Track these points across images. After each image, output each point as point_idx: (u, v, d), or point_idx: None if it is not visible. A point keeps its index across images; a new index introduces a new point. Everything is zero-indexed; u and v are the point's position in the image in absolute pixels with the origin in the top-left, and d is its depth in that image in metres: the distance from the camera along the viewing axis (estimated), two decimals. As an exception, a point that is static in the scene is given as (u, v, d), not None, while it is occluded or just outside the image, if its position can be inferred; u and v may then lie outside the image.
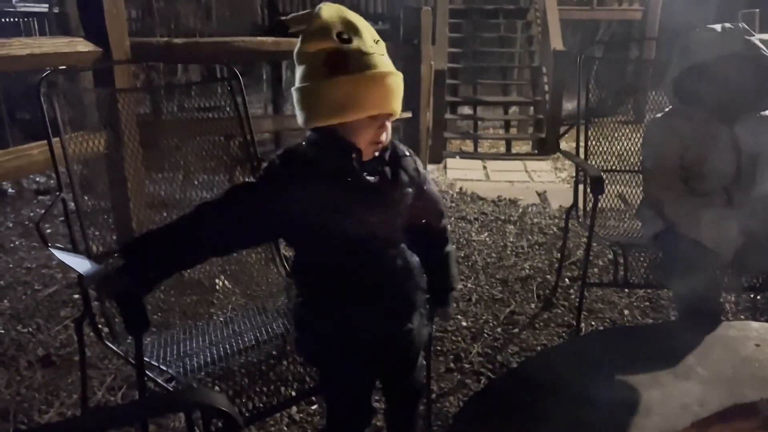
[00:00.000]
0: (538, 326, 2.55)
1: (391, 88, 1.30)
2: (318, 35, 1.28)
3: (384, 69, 1.29)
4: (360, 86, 1.26)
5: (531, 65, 7.48)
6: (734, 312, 2.59)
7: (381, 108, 1.30)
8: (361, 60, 1.27)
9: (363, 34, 1.29)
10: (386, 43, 1.37)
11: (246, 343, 1.82)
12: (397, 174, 1.40)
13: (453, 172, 5.64)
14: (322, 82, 1.28)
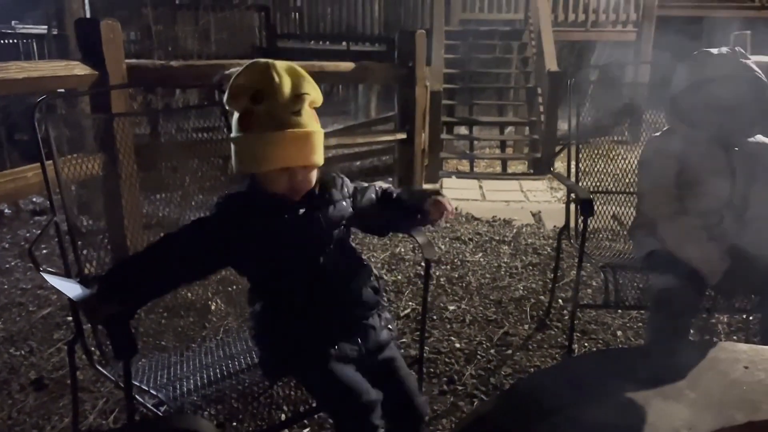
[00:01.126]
0: (532, 347, 2.55)
1: (297, 145, 1.44)
2: (233, 96, 1.45)
3: (292, 128, 1.42)
4: (264, 144, 1.41)
5: (526, 86, 7.55)
6: (727, 333, 2.60)
7: (285, 163, 1.44)
8: (269, 121, 1.41)
9: (279, 93, 1.42)
10: (384, 64, 1.46)
11: (238, 367, 1.82)
12: (330, 200, 1.56)
13: (449, 191, 5.66)
14: (236, 137, 1.46)
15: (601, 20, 8.01)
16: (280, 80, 1.43)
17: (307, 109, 1.47)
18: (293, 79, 1.47)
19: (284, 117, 1.42)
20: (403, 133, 4.28)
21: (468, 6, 8.54)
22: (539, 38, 7.02)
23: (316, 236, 1.55)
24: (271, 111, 1.42)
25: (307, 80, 1.49)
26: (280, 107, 1.42)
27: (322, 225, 1.56)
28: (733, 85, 1.90)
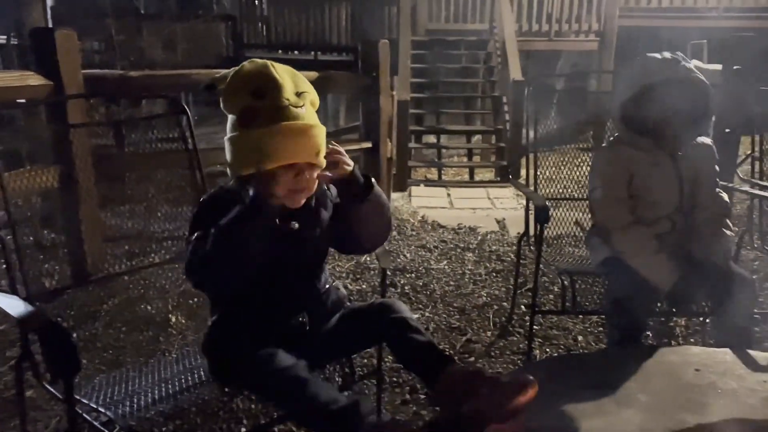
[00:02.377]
0: (494, 354, 2.56)
1: (304, 139, 1.39)
2: (233, 93, 1.40)
3: (298, 121, 1.38)
4: (270, 137, 1.36)
5: (492, 95, 7.64)
6: (684, 336, 2.64)
7: (293, 158, 1.39)
8: (273, 114, 1.36)
9: (282, 88, 1.38)
10: (347, 74, 1.45)
11: (198, 380, 1.78)
12: (318, 213, 1.52)
13: (417, 200, 5.68)
14: (238, 135, 1.40)
15: (564, 30, 8.15)
16: (280, 76, 1.41)
17: (310, 107, 1.44)
18: (292, 77, 1.45)
19: (289, 111, 1.38)
20: (369, 142, 4.29)
21: (434, 16, 8.62)
22: (504, 48, 7.10)
23: (302, 254, 1.53)
24: (276, 105, 1.37)
25: (303, 80, 1.47)
26: (284, 101, 1.38)
27: (311, 245, 1.54)
28: (675, 89, 1.93)
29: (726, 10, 8.11)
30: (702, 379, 1.61)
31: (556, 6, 8.22)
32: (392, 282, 3.27)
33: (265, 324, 1.53)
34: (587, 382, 1.61)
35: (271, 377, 1.43)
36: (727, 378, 1.60)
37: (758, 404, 1.50)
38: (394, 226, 4.30)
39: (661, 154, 2.04)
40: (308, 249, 1.54)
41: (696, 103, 1.98)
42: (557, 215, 2.73)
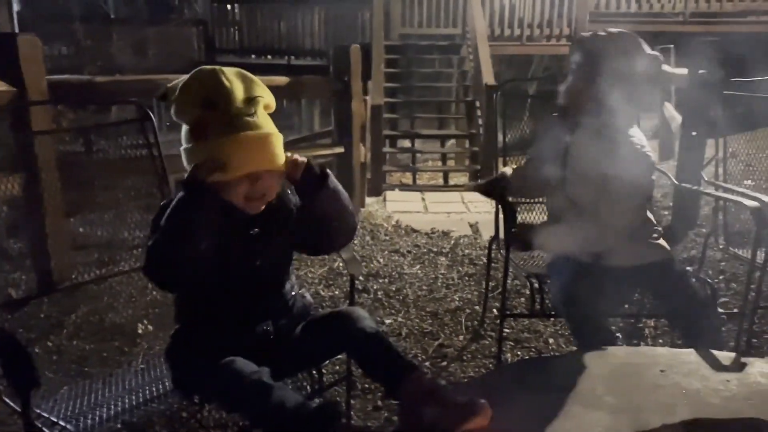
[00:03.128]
0: (466, 358, 2.56)
1: (257, 148, 1.40)
2: (184, 104, 1.40)
3: (251, 130, 1.38)
4: (223, 149, 1.36)
5: (466, 99, 7.68)
6: (653, 336, 2.67)
7: (247, 168, 1.39)
8: (224, 124, 1.37)
9: (232, 97, 1.39)
10: (319, 78, 1.45)
11: (167, 389, 1.76)
12: (281, 218, 1.52)
13: (392, 204, 5.68)
14: (192, 147, 1.41)
15: (536, 35, 8.24)
16: (230, 83, 1.40)
17: (263, 112, 1.44)
18: (243, 82, 1.44)
19: (241, 120, 1.38)
20: (341, 147, 4.28)
21: (407, 21, 8.65)
22: (476, 52, 7.15)
23: (265, 260, 1.52)
24: (227, 115, 1.38)
25: (257, 83, 1.47)
26: (236, 110, 1.38)
27: (274, 251, 1.53)
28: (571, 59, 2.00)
29: (692, 15, 8.28)
30: (667, 379, 1.62)
31: (528, 11, 8.30)
32: (365, 287, 3.26)
33: (228, 332, 1.51)
34: (555, 384, 1.61)
35: (235, 386, 1.41)
36: (692, 378, 1.62)
37: (722, 404, 1.52)
38: (367, 231, 4.29)
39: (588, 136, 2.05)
40: (271, 255, 1.52)
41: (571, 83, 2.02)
42: (529, 218, 2.74)
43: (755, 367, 1.68)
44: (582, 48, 1.99)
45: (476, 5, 7.53)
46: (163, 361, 1.68)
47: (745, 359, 1.71)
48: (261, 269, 1.53)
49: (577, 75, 2.00)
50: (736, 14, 8.24)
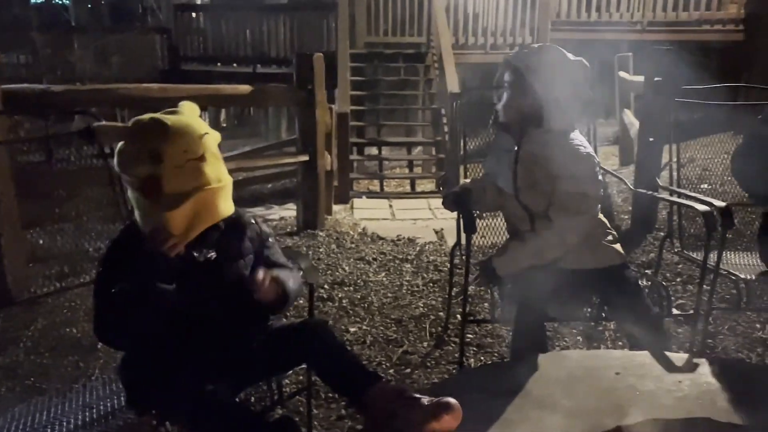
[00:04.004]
0: (430, 365, 2.58)
1: (208, 203, 1.45)
2: (130, 159, 1.41)
3: (204, 186, 1.42)
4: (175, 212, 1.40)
5: (431, 107, 7.74)
6: (613, 339, 2.72)
7: (196, 229, 1.45)
8: (176, 180, 1.39)
9: (178, 145, 1.40)
10: (282, 87, 1.47)
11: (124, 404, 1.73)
12: (236, 245, 1.53)
13: (360, 212, 5.69)
14: (145, 204, 1.43)
15: (499, 43, 8.35)
16: (176, 130, 1.41)
17: (212, 152, 1.46)
18: (189, 125, 1.44)
19: (193, 172, 1.40)
20: (306, 155, 4.27)
21: (373, 29, 8.68)
22: (441, 60, 7.21)
23: (221, 283, 1.52)
24: (176, 168, 1.39)
25: (197, 121, 1.47)
26: (184, 159, 1.40)
27: (232, 274, 1.53)
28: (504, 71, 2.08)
29: (649, 24, 8.49)
30: (622, 381, 1.66)
31: (491, 20, 8.41)
32: (330, 296, 3.25)
33: (183, 349, 1.49)
34: (513, 389, 1.63)
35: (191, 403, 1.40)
36: (646, 380, 1.66)
37: (674, 404, 1.55)
38: (333, 239, 4.29)
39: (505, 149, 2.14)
40: (229, 278, 1.52)
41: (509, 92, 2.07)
42: (493, 224, 2.77)
43: (707, 367, 1.73)
44: (511, 66, 2.06)
45: (440, 14, 7.60)
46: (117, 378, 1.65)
47: (697, 360, 1.76)
48: (218, 291, 1.52)
49: (511, 91, 2.06)
50: (691, 23, 8.47)
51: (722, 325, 2.82)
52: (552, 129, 2.04)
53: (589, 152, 2.09)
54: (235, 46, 9.50)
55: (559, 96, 2.01)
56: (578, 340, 2.74)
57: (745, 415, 1.50)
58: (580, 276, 2.03)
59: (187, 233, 1.45)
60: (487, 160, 2.34)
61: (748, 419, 1.49)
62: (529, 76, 2.00)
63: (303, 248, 4.03)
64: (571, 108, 2.06)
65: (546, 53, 2.03)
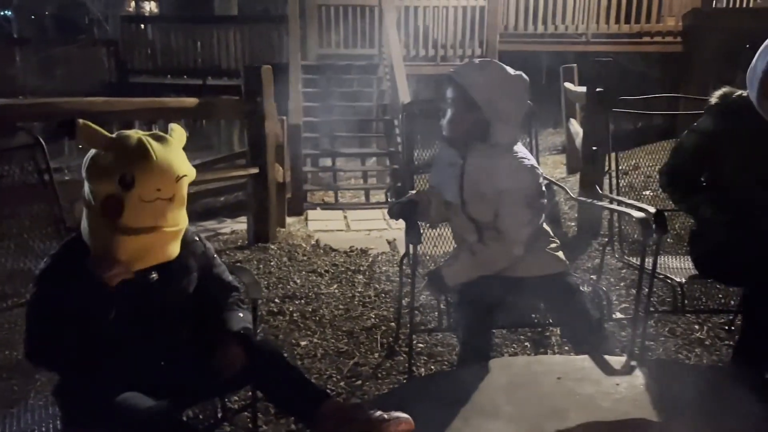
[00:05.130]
0: (381, 375, 2.58)
1: (165, 243, 1.43)
2: (99, 177, 1.37)
3: (164, 227, 1.40)
4: (130, 243, 1.39)
5: (384, 118, 7.79)
6: (560, 344, 2.77)
7: (149, 262, 1.43)
8: (139, 214, 1.37)
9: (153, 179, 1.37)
10: (231, 99, 1.46)
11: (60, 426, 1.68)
12: (179, 265, 1.51)
13: (314, 223, 5.66)
14: (99, 221, 1.39)
15: (450, 55, 8.48)
16: (158, 162, 1.37)
17: (181, 195, 1.43)
18: (170, 160, 1.40)
19: (157, 211, 1.38)
20: (255, 167, 4.23)
21: (325, 41, 8.70)
22: (393, 72, 7.28)
23: (164, 304, 1.49)
24: (143, 201, 1.36)
25: (179, 158, 1.43)
26: (153, 196, 1.37)
27: (174, 294, 1.50)
28: (446, 87, 2.12)
29: (593, 36, 8.76)
30: (562, 386, 1.70)
31: (441, 32, 8.54)
32: (280, 310, 3.22)
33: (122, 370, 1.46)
34: (458, 397, 1.65)
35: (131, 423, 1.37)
36: (585, 384, 1.70)
37: (611, 407, 1.60)
38: (285, 252, 4.25)
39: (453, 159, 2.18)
40: (171, 298, 1.49)
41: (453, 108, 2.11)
42: (445, 234, 2.79)
43: (644, 369, 1.79)
44: (452, 82, 2.10)
45: (391, 27, 7.67)
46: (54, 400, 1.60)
47: (634, 362, 1.81)
48: (160, 312, 1.49)
49: (454, 107, 2.10)
50: (633, 35, 8.78)
51: (663, 327, 2.91)
52: (496, 143, 2.09)
53: (533, 164, 2.15)
54: (185, 58, 9.38)
55: (501, 110, 2.06)
56: (526, 346, 2.79)
57: (679, 415, 1.56)
58: (525, 284, 2.08)
59: (132, 264, 1.42)
60: (432, 174, 2.39)
61: (681, 418, 1.54)
62: (472, 92, 2.04)
63: (254, 262, 3.99)
64: (513, 121, 2.11)
65: (487, 69, 2.08)
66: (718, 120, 2.09)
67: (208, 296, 1.59)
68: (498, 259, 2.08)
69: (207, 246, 1.62)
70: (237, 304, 1.63)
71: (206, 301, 1.59)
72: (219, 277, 1.62)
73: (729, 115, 2.07)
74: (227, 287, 1.64)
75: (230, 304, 1.62)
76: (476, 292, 2.04)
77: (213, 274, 1.60)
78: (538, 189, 2.11)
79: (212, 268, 1.60)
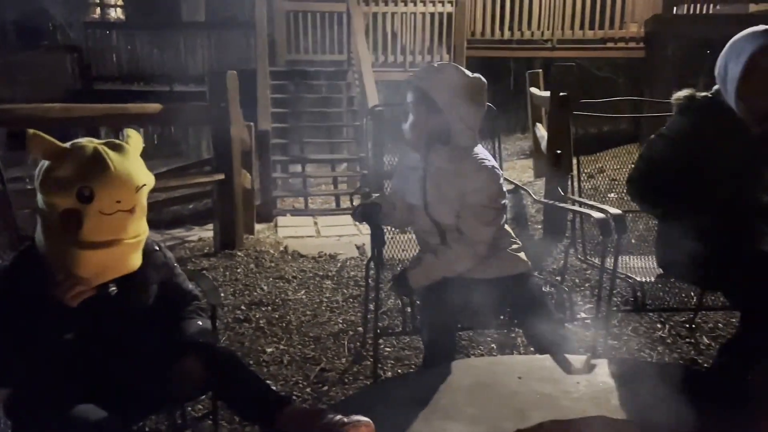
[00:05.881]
0: (348, 381, 2.56)
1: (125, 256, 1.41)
2: (58, 187, 1.32)
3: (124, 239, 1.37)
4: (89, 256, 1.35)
5: (354, 123, 7.78)
6: (525, 345, 2.79)
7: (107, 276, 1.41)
8: (98, 228, 1.33)
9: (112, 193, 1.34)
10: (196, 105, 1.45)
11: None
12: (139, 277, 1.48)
13: (284, 230, 5.63)
14: (55, 234, 1.35)
15: (418, 61, 8.52)
16: (116, 174, 1.33)
17: (141, 205, 1.40)
18: (128, 170, 1.37)
19: (118, 223, 1.35)
20: (221, 174, 4.19)
21: (293, 47, 8.68)
22: (362, 78, 7.29)
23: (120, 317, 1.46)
24: (103, 214, 1.33)
25: (138, 167, 1.40)
26: (113, 208, 1.33)
27: (129, 309, 1.47)
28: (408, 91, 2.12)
29: (559, 42, 8.89)
30: (524, 386, 1.71)
31: (409, 38, 8.58)
32: (246, 317, 3.19)
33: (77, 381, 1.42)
34: (420, 399, 1.65)
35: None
36: (546, 383, 1.71)
37: (571, 405, 1.61)
38: (252, 258, 4.22)
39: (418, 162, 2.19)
40: (130, 311, 1.47)
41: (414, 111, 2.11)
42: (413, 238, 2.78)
43: (603, 367, 1.81)
44: (412, 86, 2.12)
45: (359, 33, 7.68)
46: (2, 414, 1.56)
47: (595, 361, 1.83)
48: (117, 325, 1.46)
49: (416, 110, 2.11)
50: (597, 41, 8.94)
51: (626, 326, 2.96)
52: (457, 145, 2.11)
53: (494, 165, 2.16)
54: (152, 64, 9.26)
55: (461, 112, 2.07)
56: (492, 347, 2.80)
57: (637, 411, 1.58)
58: (488, 285, 2.08)
59: (93, 280, 1.38)
60: (394, 178, 2.40)
61: (639, 414, 1.56)
62: (432, 94, 2.06)
63: (220, 269, 3.94)
64: (473, 123, 2.12)
65: (445, 71, 2.09)
66: (686, 122, 2.08)
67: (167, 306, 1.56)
68: (460, 261, 2.09)
69: (167, 255, 1.59)
70: (196, 312, 1.60)
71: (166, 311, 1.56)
72: (179, 286, 1.59)
73: (699, 116, 2.07)
74: (186, 296, 1.61)
75: (189, 313, 1.59)
76: (440, 295, 2.05)
77: (173, 283, 1.58)
78: (499, 189, 2.12)
79: (172, 277, 1.58)
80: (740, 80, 1.94)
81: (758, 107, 1.98)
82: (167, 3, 10.80)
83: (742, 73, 1.93)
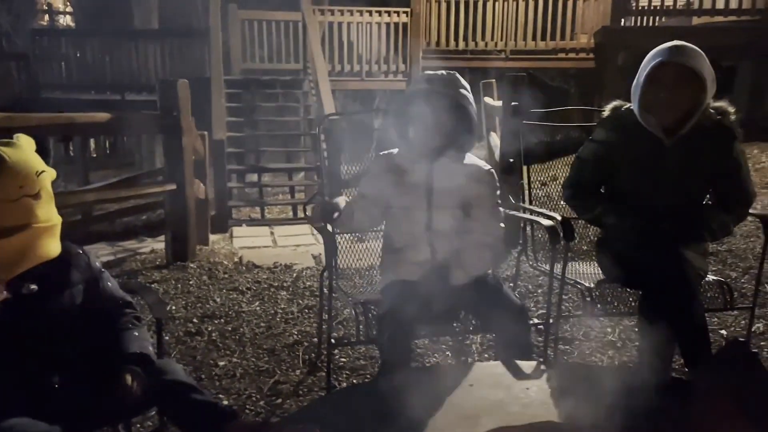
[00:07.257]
0: (302, 392, 2.53)
1: (36, 243, 1.39)
2: None
3: (35, 223, 1.38)
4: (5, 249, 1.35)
5: (311, 132, 7.76)
6: (480, 352, 2.81)
7: (21, 266, 1.39)
8: (2, 213, 1.34)
9: (13, 179, 1.35)
10: (146, 114, 1.47)
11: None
12: (61, 276, 1.46)
13: (239, 240, 5.55)
14: None
15: (374, 70, 8.56)
16: (11, 163, 1.35)
17: (47, 191, 1.41)
18: (24, 157, 1.39)
19: (25, 208, 1.35)
20: (173, 183, 4.11)
21: (248, 56, 8.62)
22: (318, 87, 7.28)
23: (46, 317, 1.41)
24: (9, 202, 1.34)
25: (34, 157, 1.42)
26: (17, 194, 1.35)
27: (57, 307, 1.43)
28: (430, 99, 2.04)
29: (512, 53, 9.07)
30: (474, 393, 1.71)
31: (365, 48, 8.62)
32: (198, 330, 3.12)
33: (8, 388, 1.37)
34: (372, 409, 1.63)
35: None
36: (496, 389, 1.72)
37: (520, 411, 1.62)
38: (205, 270, 4.14)
39: (419, 167, 2.14)
40: (53, 311, 1.42)
41: (452, 117, 2.08)
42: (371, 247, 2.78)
43: (553, 372, 1.83)
44: (435, 94, 2.05)
45: (315, 42, 7.67)
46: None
47: (545, 366, 1.86)
48: (43, 325, 1.41)
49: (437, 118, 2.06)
50: (549, 51, 9.15)
51: (578, 331, 3.00)
52: (464, 151, 2.17)
53: (491, 168, 2.23)
54: (103, 72, 9.06)
55: (475, 118, 2.11)
56: (447, 355, 2.81)
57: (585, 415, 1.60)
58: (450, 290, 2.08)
59: (10, 270, 1.36)
60: (365, 183, 2.27)
61: (587, 418, 1.58)
62: (461, 101, 2.04)
63: (171, 281, 3.86)
64: (477, 129, 2.17)
65: (458, 77, 2.09)
66: (610, 131, 2.24)
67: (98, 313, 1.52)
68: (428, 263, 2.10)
69: (92, 259, 1.56)
70: (132, 322, 1.56)
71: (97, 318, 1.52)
72: (109, 292, 1.56)
73: (619, 125, 2.21)
74: (119, 304, 1.57)
75: (124, 323, 1.55)
76: (394, 302, 2.03)
77: (101, 288, 1.54)
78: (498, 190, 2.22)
79: (98, 281, 1.54)
80: (641, 93, 2.06)
81: (659, 120, 2.09)
82: (119, 10, 10.60)
83: (643, 87, 2.05)
